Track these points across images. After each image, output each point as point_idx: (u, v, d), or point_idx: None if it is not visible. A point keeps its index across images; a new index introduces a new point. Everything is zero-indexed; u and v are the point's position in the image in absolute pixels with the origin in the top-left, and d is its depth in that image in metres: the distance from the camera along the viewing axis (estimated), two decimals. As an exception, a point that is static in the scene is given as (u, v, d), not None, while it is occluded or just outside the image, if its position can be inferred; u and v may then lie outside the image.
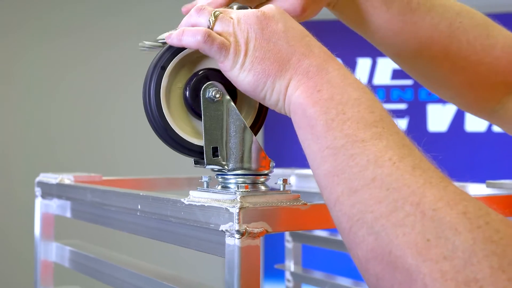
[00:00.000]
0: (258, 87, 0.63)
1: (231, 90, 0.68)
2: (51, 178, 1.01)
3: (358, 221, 0.50)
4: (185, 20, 0.69)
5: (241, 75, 0.63)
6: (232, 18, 0.65)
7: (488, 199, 0.75)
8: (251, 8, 0.70)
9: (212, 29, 0.65)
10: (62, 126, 3.45)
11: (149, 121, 0.69)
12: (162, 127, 0.68)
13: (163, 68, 0.68)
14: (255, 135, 0.69)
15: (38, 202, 1.05)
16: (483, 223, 0.46)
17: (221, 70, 0.66)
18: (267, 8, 0.65)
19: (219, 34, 0.64)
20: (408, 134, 0.57)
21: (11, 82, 3.44)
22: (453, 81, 0.84)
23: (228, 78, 0.65)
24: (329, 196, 0.54)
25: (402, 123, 3.11)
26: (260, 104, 0.70)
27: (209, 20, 0.65)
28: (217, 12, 0.65)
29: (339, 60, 0.63)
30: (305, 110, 0.58)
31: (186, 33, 0.66)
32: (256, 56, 0.62)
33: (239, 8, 0.70)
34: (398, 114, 3.06)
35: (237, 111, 0.67)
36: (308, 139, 0.57)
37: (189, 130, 0.70)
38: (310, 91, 0.59)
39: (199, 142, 0.69)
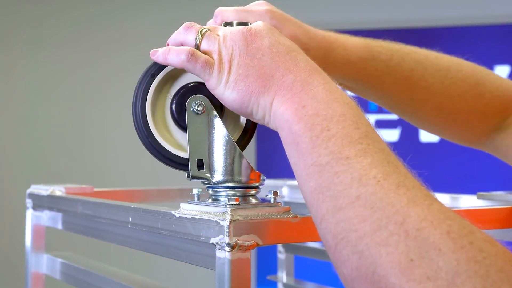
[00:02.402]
0: (243, 104, 0.63)
1: (219, 103, 0.69)
2: (42, 189, 1.01)
3: (343, 240, 0.50)
4: (173, 37, 0.70)
5: (226, 93, 0.64)
6: (218, 36, 0.66)
7: (479, 212, 0.75)
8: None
9: (199, 46, 0.66)
10: (54, 137, 3.44)
11: (134, 127, 0.69)
12: (144, 135, 0.69)
13: (153, 76, 0.69)
14: (244, 149, 0.69)
15: (29, 213, 1.04)
16: (467, 243, 0.45)
17: (208, 88, 0.66)
18: (254, 24, 0.66)
19: (205, 52, 0.65)
20: (400, 145, 0.57)
21: (0, 92, 3.43)
22: (445, 130, 0.88)
23: (215, 96, 0.66)
24: (315, 213, 0.54)
25: (394, 134, 3.12)
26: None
27: (196, 38, 0.66)
28: (204, 30, 0.66)
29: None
30: (291, 127, 0.58)
31: (171, 52, 0.67)
32: (240, 73, 0.63)
33: (238, 24, 0.70)
34: (390, 124, 3.07)
35: (222, 124, 0.67)
36: (294, 155, 0.57)
37: (174, 142, 0.70)
38: (295, 106, 0.58)
39: (184, 154, 0.69)
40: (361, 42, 0.84)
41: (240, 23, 0.70)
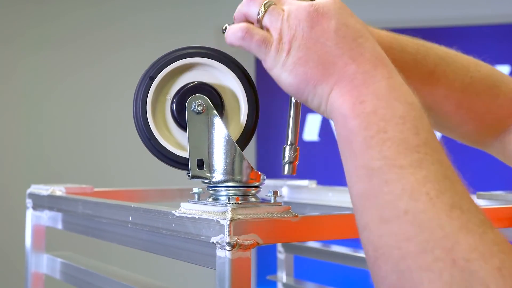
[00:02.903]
0: (299, 89, 0.59)
1: (219, 103, 0.69)
2: (42, 189, 1.01)
3: (384, 255, 0.47)
4: (238, 8, 0.65)
5: (283, 75, 0.60)
6: (283, 11, 0.61)
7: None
8: None
9: (261, 21, 0.62)
10: (54, 137, 3.44)
11: (136, 129, 0.69)
12: (146, 137, 0.69)
13: (152, 79, 0.69)
14: (244, 148, 0.69)
15: (29, 213, 1.04)
16: None
17: (265, 68, 0.63)
18: (323, 2, 0.60)
19: (267, 28, 0.61)
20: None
21: (1, 93, 3.43)
22: (459, 129, 0.85)
23: (272, 77, 0.62)
24: (359, 219, 0.51)
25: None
26: (248, 117, 0.71)
27: (258, 12, 0.62)
28: (267, 3, 0.61)
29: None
30: (346, 122, 0.54)
31: (229, 30, 0.63)
32: (300, 56, 0.58)
33: None
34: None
35: (222, 124, 0.67)
36: (346, 154, 0.54)
37: (174, 141, 0.70)
38: (352, 101, 0.54)
39: (184, 153, 0.69)
40: (389, 33, 0.80)
41: None
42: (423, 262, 0.44)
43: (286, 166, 0.66)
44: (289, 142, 0.66)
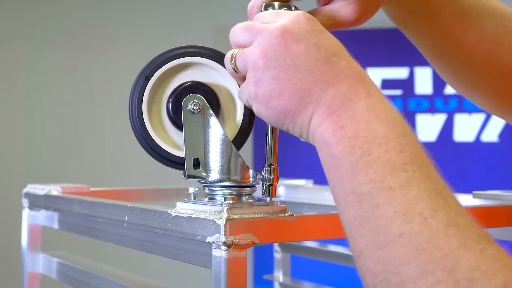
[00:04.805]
0: (279, 121, 0.57)
1: (215, 102, 0.69)
2: (38, 189, 1.00)
3: (383, 282, 0.45)
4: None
5: (260, 110, 0.58)
6: (249, 46, 0.59)
7: (475, 210, 0.75)
8: (295, 8, 0.64)
9: (236, 70, 0.61)
10: (50, 136, 3.44)
11: (132, 129, 0.69)
12: (142, 136, 0.69)
13: (147, 78, 0.69)
14: (240, 148, 0.69)
15: (25, 213, 1.04)
16: None
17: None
18: (290, 22, 0.57)
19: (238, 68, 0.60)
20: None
21: None
22: (488, 86, 0.79)
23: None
24: (353, 246, 0.50)
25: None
26: (244, 117, 0.71)
27: (231, 66, 0.61)
28: (235, 52, 0.60)
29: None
30: (329, 149, 0.52)
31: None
32: (272, 89, 0.56)
33: (279, 7, 0.63)
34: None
35: (218, 123, 0.67)
36: (333, 180, 0.52)
37: (170, 141, 0.70)
38: (333, 127, 0.53)
39: (181, 153, 0.69)
40: None
41: (282, 5, 0.63)
42: (424, 286, 0.43)
43: (265, 187, 0.65)
44: (267, 164, 0.65)
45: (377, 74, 3.30)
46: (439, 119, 3.28)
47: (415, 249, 0.44)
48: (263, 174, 0.65)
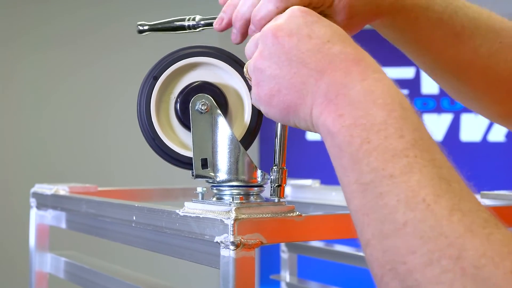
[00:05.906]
0: (284, 118, 0.58)
1: (223, 102, 0.69)
2: (46, 189, 1.01)
3: (390, 271, 0.45)
4: None
5: (265, 110, 0.60)
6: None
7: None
8: None
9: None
10: (57, 136, 3.45)
11: (140, 129, 0.70)
12: (150, 136, 0.69)
13: (155, 78, 0.69)
14: (248, 148, 0.69)
15: (33, 213, 1.04)
16: None
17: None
18: (281, 21, 0.58)
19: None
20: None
21: (5, 92, 3.44)
22: (485, 97, 0.80)
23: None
24: (361, 236, 0.49)
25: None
26: (252, 117, 0.71)
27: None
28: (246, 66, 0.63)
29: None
30: (332, 139, 0.52)
31: None
32: (271, 87, 0.57)
33: None
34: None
35: (226, 123, 0.67)
36: (338, 170, 0.52)
37: (179, 141, 0.70)
38: (332, 116, 0.52)
39: (189, 153, 0.69)
40: None
41: None
42: (431, 275, 0.42)
43: (273, 189, 0.65)
44: (276, 164, 0.66)
45: (383, 74, 3.29)
46: (446, 119, 3.27)
47: (420, 237, 0.44)
48: (272, 175, 0.66)
